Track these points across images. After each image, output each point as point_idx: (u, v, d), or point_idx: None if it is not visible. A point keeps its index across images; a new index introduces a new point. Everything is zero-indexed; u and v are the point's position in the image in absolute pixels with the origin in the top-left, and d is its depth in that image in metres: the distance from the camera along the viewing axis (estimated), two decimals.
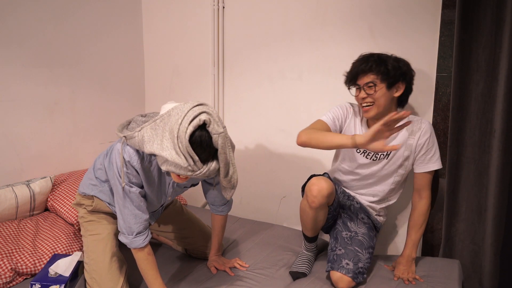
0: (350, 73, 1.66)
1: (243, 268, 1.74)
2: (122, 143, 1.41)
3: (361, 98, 1.64)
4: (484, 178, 1.74)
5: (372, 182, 1.78)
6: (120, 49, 2.53)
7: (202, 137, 1.26)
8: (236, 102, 2.41)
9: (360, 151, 1.75)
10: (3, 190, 1.86)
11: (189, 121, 1.24)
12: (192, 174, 1.28)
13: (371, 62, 1.61)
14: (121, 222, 1.47)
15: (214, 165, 1.32)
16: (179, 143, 1.24)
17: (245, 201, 2.49)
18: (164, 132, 1.28)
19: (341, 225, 1.73)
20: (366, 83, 1.62)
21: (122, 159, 1.40)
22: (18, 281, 1.59)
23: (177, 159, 1.24)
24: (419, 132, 1.67)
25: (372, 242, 1.70)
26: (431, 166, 1.69)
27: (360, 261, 1.58)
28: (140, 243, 1.46)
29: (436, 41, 1.82)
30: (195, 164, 1.27)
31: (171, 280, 1.65)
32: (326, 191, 1.58)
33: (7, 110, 2.00)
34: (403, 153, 1.70)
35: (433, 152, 1.69)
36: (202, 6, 2.40)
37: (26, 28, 2.03)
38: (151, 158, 1.46)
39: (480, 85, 1.69)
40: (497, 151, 1.66)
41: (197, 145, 1.25)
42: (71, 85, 2.27)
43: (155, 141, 1.30)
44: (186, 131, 1.23)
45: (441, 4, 1.78)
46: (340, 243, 1.64)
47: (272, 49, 2.24)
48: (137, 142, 1.35)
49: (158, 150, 1.28)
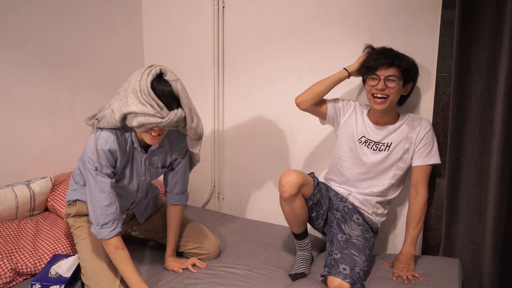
0: (369, 64, 1.70)
1: (202, 266, 1.75)
2: (95, 128, 1.47)
3: (379, 89, 1.67)
4: (484, 178, 1.74)
5: (373, 175, 1.81)
6: (120, 49, 2.53)
7: (162, 85, 1.41)
8: (236, 102, 2.41)
9: (361, 141, 1.81)
10: (3, 190, 1.86)
11: (146, 74, 1.40)
12: (162, 121, 1.40)
13: (393, 57, 1.67)
14: (91, 213, 1.51)
15: (180, 112, 1.45)
16: (143, 96, 1.38)
17: (245, 201, 2.49)
18: (127, 94, 1.41)
19: (335, 227, 1.72)
20: (388, 75, 1.66)
21: (95, 143, 1.46)
22: (18, 281, 1.59)
23: (144, 109, 1.38)
24: (420, 127, 1.75)
25: (369, 243, 1.69)
26: (430, 160, 1.75)
27: (357, 265, 1.55)
28: (105, 234, 1.47)
29: (436, 41, 1.82)
30: (162, 110, 1.39)
31: (170, 280, 1.65)
32: (294, 180, 1.64)
33: (8, 110, 2.00)
34: (404, 145, 1.76)
35: (432, 146, 1.76)
36: (202, 6, 2.40)
37: (26, 28, 2.03)
38: (125, 136, 1.54)
39: (480, 85, 1.69)
40: (497, 151, 1.66)
41: (160, 92, 1.40)
42: (71, 85, 2.27)
43: (122, 105, 1.42)
44: (146, 83, 1.38)
45: (441, 4, 1.78)
46: (336, 247, 1.62)
47: (272, 49, 2.23)
48: (109, 117, 1.45)
49: (126, 108, 1.40)
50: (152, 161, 1.66)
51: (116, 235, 1.50)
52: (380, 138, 1.79)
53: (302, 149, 2.25)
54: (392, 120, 1.79)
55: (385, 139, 1.78)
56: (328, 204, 1.84)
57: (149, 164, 1.65)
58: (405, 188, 1.96)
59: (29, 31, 2.04)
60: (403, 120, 1.79)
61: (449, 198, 1.82)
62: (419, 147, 1.75)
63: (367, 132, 1.81)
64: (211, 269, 1.74)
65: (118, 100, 1.44)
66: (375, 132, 1.80)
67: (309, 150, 2.23)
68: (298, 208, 1.70)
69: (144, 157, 1.61)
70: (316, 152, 2.21)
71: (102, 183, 1.48)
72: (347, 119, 1.86)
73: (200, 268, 1.74)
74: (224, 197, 2.57)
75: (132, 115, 1.41)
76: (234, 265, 1.77)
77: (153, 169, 1.68)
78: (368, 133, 1.81)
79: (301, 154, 2.25)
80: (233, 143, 2.46)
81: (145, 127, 1.42)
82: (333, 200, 1.86)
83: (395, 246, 2.07)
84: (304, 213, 1.74)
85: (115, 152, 1.50)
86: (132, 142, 1.56)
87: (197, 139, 1.61)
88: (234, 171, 2.50)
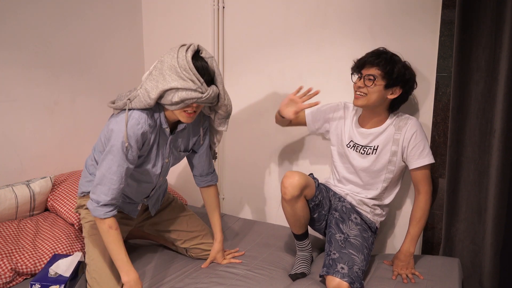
0: (359, 61, 1.72)
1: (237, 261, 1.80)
2: (127, 108, 1.45)
3: (357, 86, 1.70)
4: (484, 178, 1.74)
5: (365, 180, 1.81)
6: (120, 49, 2.53)
7: (201, 61, 1.44)
8: (236, 102, 2.40)
9: (350, 146, 1.82)
10: (3, 190, 1.86)
11: (184, 51, 1.41)
12: (202, 96, 1.42)
13: (382, 58, 1.66)
14: (95, 189, 1.46)
15: (215, 88, 1.49)
16: (183, 72, 1.40)
17: (245, 201, 2.50)
18: (163, 72, 1.42)
19: (334, 227, 1.72)
20: (368, 74, 1.67)
21: (126, 122, 1.42)
22: (18, 281, 1.59)
23: (186, 84, 1.40)
24: (405, 127, 1.72)
25: (367, 242, 1.69)
26: (422, 162, 1.71)
27: (355, 264, 1.55)
28: (102, 213, 1.44)
29: (436, 41, 1.82)
30: (202, 85, 1.42)
31: (171, 279, 1.65)
32: (297, 182, 1.64)
33: (8, 110, 2.00)
34: (391, 147, 1.74)
35: (422, 147, 1.71)
36: (202, 6, 2.40)
37: (26, 29, 2.03)
38: (155, 117, 1.53)
39: (480, 85, 1.69)
40: (497, 151, 1.66)
41: (199, 68, 1.42)
42: (71, 85, 2.27)
43: (159, 83, 1.42)
44: (186, 58, 1.40)
45: (441, 4, 1.78)
46: (334, 247, 1.62)
47: (272, 49, 2.23)
48: (142, 97, 1.44)
49: (166, 85, 1.41)
50: (176, 144, 1.67)
51: (111, 216, 1.47)
52: (367, 142, 1.78)
53: (302, 149, 2.24)
54: (379, 122, 1.77)
55: (372, 142, 1.77)
56: (329, 204, 1.84)
57: (173, 147, 1.66)
58: (404, 189, 1.96)
59: (29, 32, 2.04)
60: (390, 121, 1.76)
61: (449, 198, 1.82)
62: (409, 149, 1.71)
63: (354, 136, 1.82)
64: (211, 269, 1.74)
65: (152, 80, 1.44)
66: (362, 135, 1.80)
67: (309, 150, 2.22)
68: (299, 209, 1.70)
69: (170, 139, 1.61)
70: (316, 152, 2.21)
71: (121, 166, 1.44)
72: (335, 125, 1.89)
73: (201, 268, 1.75)
74: (224, 197, 2.57)
75: (172, 91, 1.42)
76: (234, 265, 1.77)
77: (176, 152, 1.69)
78: (356, 137, 1.81)
79: (302, 154, 2.25)
80: (233, 143, 2.46)
81: (185, 103, 1.44)
82: (332, 200, 1.85)
83: (394, 246, 2.07)
84: (305, 214, 1.74)
85: (146, 133, 1.49)
86: (160, 123, 1.55)
87: (226, 117, 1.66)
88: (234, 171, 2.50)
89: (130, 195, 1.70)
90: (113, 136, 1.44)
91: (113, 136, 1.44)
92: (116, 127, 1.44)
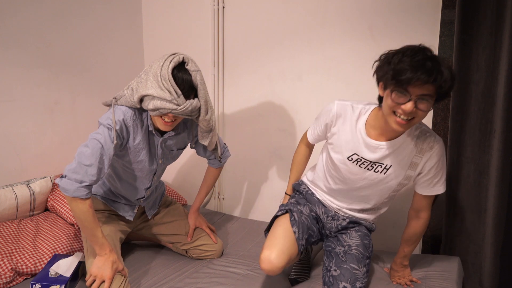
0: (401, 74, 1.22)
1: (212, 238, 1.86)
2: (113, 104, 1.51)
3: (407, 112, 1.26)
4: (484, 178, 1.74)
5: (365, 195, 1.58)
6: (120, 49, 2.53)
7: (183, 73, 1.44)
8: (236, 102, 2.41)
9: (352, 159, 1.49)
10: (3, 190, 1.86)
11: (169, 61, 1.43)
12: (177, 108, 1.43)
13: (435, 72, 1.21)
14: (74, 166, 1.42)
15: (195, 103, 1.48)
16: (163, 81, 1.41)
17: (245, 201, 2.50)
18: (147, 77, 1.45)
19: (333, 241, 1.63)
20: (421, 94, 1.24)
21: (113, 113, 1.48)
22: (18, 281, 1.59)
23: (162, 94, 1.41)
24: (429, 153, 1.42)
25: (368, 250, 1.59)
26: (435, 190, 1.48)
27: (358, 280, 1.47)
28: (83, 194, 1.42)
29: (436, 41, 1.82)
30: (179, 97, 1.42)
31: (171, 279, 1.65)
32: (277, 269, 1.46)
33: (8, 110, 2.00)
34: (406, 172, 1.45)
35: (440, 176, 1.46)
36: (202, 6, 2.40)
37: (26, 28, 2.03)
38: (142, 117, 1.56)
39: (480, 85, 1.69)
40: (497, 151, 1.66)
41: (179, 80, 1.42)
42: (71, 85, 2.27)
43: (141, 87, 1.46)
44: (168, 69, 1.41)
45: (441, 4, 1.78)
46: (335, 262, 1.53)
47: (272, 49, 2.24)
48: (128, 97, 1.49)
49: (145, 90, 1.44)
50: (168, 145, 1.67)
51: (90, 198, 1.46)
52: (377, 158, 1.44)
53: None
54: (394, 133, 1.40)
55: (383, 159, 1.44)
56: (318, 225, 1.67)
57: (165, 147, 1.67)
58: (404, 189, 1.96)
59: (29, 31, 2.04)
60: (410, 137, 1.41)
61: (449, 198, 1.82)
62: (425, 177, 1.45)
63: (360, 149, 1.46)
64: (211, 269, 1.74)
65: (139, 82, 1.48)
66: (370, 148, 1.44)
67: None
68: None
69: (160, 141, 1.62)
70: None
71: (99, 142, 1.43)
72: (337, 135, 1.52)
73: (201, 268, 1.75)
74: (224, 197, 2.57)
75: (149, 98, 1.44)
76: (235, 265, 1.77)
77: (168, 152, 1.70)
78: (362, 150, 1.46)
79: None
80: (233, 143, 2.46)
81: (159, 112, 1.45)
82: (322, 219, 1.66)
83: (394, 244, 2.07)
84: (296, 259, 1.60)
85: (129, 128, 1.52)
86: (147, 124, 1.58)
87: (208, 131, 1.64)
88: (234, 171, 2.50)
89: (125, 194, 1.71)
90: (100, 123, 1.50)
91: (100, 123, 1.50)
92: (103, 117, 1.51)
